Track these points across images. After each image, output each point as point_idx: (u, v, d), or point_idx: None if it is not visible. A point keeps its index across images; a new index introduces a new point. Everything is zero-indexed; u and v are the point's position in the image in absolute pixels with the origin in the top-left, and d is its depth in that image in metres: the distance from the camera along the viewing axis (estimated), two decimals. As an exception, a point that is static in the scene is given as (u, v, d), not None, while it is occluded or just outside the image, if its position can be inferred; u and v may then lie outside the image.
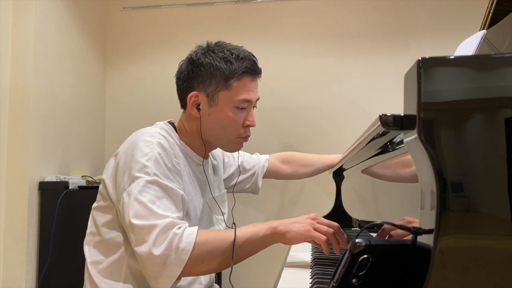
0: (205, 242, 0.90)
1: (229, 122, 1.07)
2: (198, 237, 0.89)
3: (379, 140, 0.67)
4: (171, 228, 0.89)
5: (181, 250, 0.87)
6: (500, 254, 0.38)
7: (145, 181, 0.93)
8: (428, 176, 0.41)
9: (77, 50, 2.21)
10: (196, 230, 0.91)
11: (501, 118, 0.38)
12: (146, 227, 0.89)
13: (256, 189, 1.43)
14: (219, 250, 0.91)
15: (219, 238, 0.92)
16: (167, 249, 0.87)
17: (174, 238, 0.88)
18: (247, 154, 1.44)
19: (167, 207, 0.93)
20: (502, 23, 0.87)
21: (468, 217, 0.39)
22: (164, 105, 2.36)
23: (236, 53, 1.07)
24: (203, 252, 0.89)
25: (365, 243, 0.40)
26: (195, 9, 2.41)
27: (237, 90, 1.06)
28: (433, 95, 0.40)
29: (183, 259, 0.87)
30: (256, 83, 1.11)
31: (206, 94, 1.07)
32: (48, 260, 1.83)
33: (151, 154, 0.97)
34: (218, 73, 1.05)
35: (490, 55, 0.57)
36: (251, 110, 1.10)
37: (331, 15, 2.30)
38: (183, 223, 0.92)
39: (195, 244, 0.88)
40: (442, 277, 0.39)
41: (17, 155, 1.82)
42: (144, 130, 1.06)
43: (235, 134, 1.09)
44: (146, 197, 0.92)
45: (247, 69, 1.06)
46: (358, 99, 2.23)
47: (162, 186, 0.94)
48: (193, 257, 0.88)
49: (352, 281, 0.41)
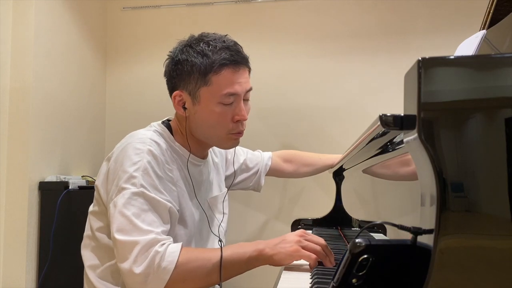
0: (188, 261, 0.88)
1: (216, 119, 1.01)
2: (181, 256, 0.87)
3: (379, 140, 0.67)
4: (153, 245, 0.86)
5: (162, 269, 0.85)
6: (500, 254, 0.38)
7: (131, 193, 0.91)
8: (428, 176, 0.41)
9: (77, 50, 2.21)
10: (180, 248, 0.89)
11: (501, 118, 0.38)
12: (128, 243, 0.87)
13: (259, 187, 1.41)
14: (202, 270, 0.89)
15: (203, 258, 0.89)
16: (147, 268, 0.85)
17: (156, 257, 0.85)
18: (250, 151, 1.42)
19: (152, 221, 0.90)
20: (502, 23, 0.87)
21: (468, 217, 0.39)
22: (164, 105, 2.36)
23: (214, 44, 1.00)
24: (185, 271, 0.87)
25: (365, 243, 0.40)
26: (195, 9, 2.41)
27: (217, 85, 0.99)
28: (433, 95, 0.40)
29: (164, 278, 0.85)
30: (242, 73, 1.02)
31: (188, 93, 1.02)
32: (48, 260, 1.83)
33: (140, 164, 0.94)
34: (195, 69, 0.99)
35: (490, 55, 0.57)
36: (240, 103, 1.02)
37: (331, 15, 2.29)
38: (167, 239, 0.90)
39: (177, 263, 0.86)
40: (442, 277, 0.39)
41: (17, 155, 1.82)
42: (136, 135, 1.02)
43: (225, 131, 1.03)
44: (130, 210, 0.89)
45: (225, 60, 0.98)
46: (358, 99, 2.23)
47: (149, 199, 0.92)
48: (174, 276, 0.86)
49: (352, 281, 0.41)
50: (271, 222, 2.29)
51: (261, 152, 1.45)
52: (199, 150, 1.11)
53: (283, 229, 2.17)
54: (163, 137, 1.05)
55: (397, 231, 0.54)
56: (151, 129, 1.06)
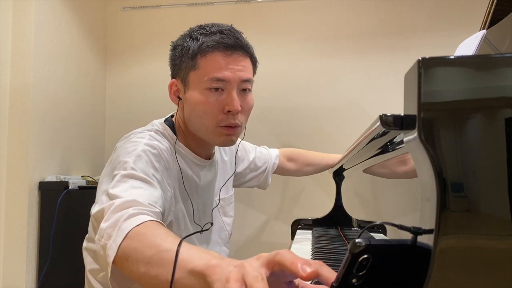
0: (139, 235, 0.66)
1: (202, 108, 0.93)
2: (140, 226, 0.67)
3: (379, 140, 0.67)
4: (130, 206, 0.72)
5: (121, 230, 0.67)
6: (500, 254, 0.38)
7: (120, 175, 0.82)
8: (428, 176, 0.41)
9: (77, 50, 2.21)
10: (150, 220, 0.69)
11: (501, 118, 0.38)
12: (106, 207, 0.74)
13: (265, 185, 1.38)
14: (144, 255, 0.62)
15: (154, 243, 0.62)
16: (112, 226, 0.69)
17: (123, 216, 0.69)
18: (258, 148, 1.37)
19: (140, 194, 0.77)
20: (502, 23, 0.87)
21: (468, 217, 0.39)
22: (164, 105, 2.36)
23: (208, 28, 0.94)
24: (131, 246, 0.65)
25: (365, 243, 0.40)
26: (195, 9, 2.41)
27: (204, 68, 0.92)
28: (433, 95, 0.40)
29: (117, 241, 0.67)
30: (236, 59, 0.93)
31: (181, 80, 0.97)
32: (48, 260, 1.83)
33: (134, 152, 0.87)
34: (185, 52, 0.94)
35: (490, 55, 0.57)
36: (232, 92, 0.93)
37: (331, 15, 2.30)
38: (149, 208, 0.73)
39: (131, 231, 0.66)
40: (442, 277, 0.39)
41: (17, 155, 1.83)
42: (135, 132, 0.97)
43: (213, 122, 0.94)
44: (117, 188, 0.78)
45: (215, 42, 0.91)
46: (358, 99, 2.23)
47: (139, 178, 0.82)
48: (122, 248, 0.66)
49: (352, 281, 0.41)
50: (271, 222, 2.29)
51: (267, 148, 1.41)
52: (202, 149, 1.05)
53: (283, 229, 2.17)
54: (165, 137, 0.99)
55: (397, 231, 0.54)
56: (153, 128, 1.01)
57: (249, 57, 0.98)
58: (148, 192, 0.80)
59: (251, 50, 0.99)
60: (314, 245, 1.21)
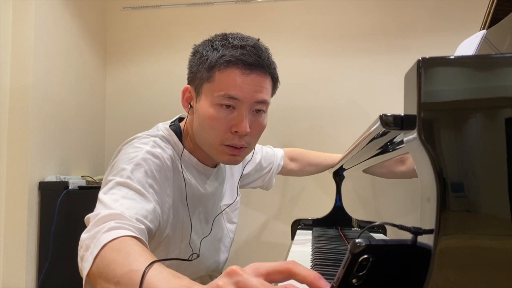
0: (114, 250, 0.63)
1: (210, 122, 0.89)
2: (117, 241, 0.64)
3: (379, 140, 0.67)
4: (113, 219, 0.69)
5: (99, 242, 0.65)
6: (500, 254, 0.38)
7: (115, 182, 0.80)
8: (428, 176, 0.41)
9: (77, 50, 2.21)
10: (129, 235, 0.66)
11: (501, 118, 0.38)
12: (90, 217, 0.72)
13: (269, 186, 1.37)
14: (115, 273, 0.60)
15: (126, 261, 0.60)
16: (90, 238, 0.67)
17: (104, 228, 0.67)
18: (264, 148, 1.35)
19: (130, 207, 0.75)
20: (502, 23, 0.87)
21: (468, 217, 0.39)
22: (164, 105, 2.37)
23: (231, 40, 0.90)
24: (104, 261, 0.63)
25: (366, 243, 0.40)
26: (195, 9, 2.41)
27: (219, 82, 0.88)
28: (433, 95, 0.40)
29: (94, 253, 0.65)
30: (254, 79, 0.89)
31: (194, 88, 0.94)
32: (48, 260, 1.83)
33: (135, 159, 0.85)
34: (203, 61, 0.90)
35: (490, 55, 0.57)
36: (243, 112, 0.89)
37: (331, 15, 2.30)
38: (133, 223, 0.71)
39: (106, 245, 0.64)
40: (442, 277, 0.39)
41: (17, 155, 1.83)
42: (138, 137, 0.95)
43: (218, 139, 0.91)
44: (110, 197, 0.76)
45: (234, 58, 0.87)
46: (358, 99, 2.23)
47: (133, 189, 0.79)
48: (96, 262, 0.64)
49: (352, 281, 0.41)
50: (271, 222, 2.29)
51: (272, 148, 1.39)
52: (208, 160, 1.01)
53: (283, 229, 2.17)
54: (169, 143, 0.96)
55: (397, 231, 0.54)
56: (158, 133, 0.97)
57: (270, 77, 0.95)
58: (139, 205, 0.77)
59: (272, 70, 0.96)
60: (314, 245, 1.21)
